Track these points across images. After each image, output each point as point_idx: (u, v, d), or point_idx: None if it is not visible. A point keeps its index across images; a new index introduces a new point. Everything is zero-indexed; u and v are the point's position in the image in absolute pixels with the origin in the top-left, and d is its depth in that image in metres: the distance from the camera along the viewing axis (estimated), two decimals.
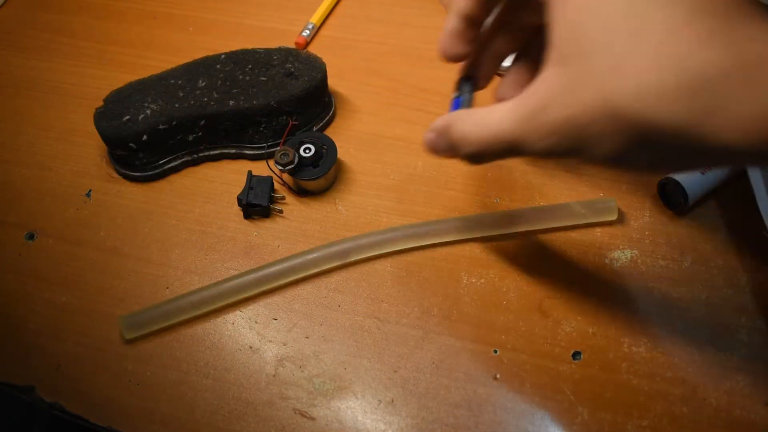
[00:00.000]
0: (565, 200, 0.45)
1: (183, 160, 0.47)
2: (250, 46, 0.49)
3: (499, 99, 0.34)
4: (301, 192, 0.46)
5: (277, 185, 0.46)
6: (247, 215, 0.45)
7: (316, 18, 0.57)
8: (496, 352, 0.39)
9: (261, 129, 0.46)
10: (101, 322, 0.41)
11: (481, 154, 0.29)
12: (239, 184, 0.45)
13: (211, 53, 0.49)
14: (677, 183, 0.42)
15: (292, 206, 0.46)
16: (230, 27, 0.58)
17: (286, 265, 0.41)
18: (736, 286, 0.40)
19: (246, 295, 0.41)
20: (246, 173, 0.45)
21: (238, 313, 0.41)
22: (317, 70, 0.47)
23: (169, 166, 0.47)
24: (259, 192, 0.44)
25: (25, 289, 0.43)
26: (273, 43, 0.50)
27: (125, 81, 0.47)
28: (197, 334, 0.40)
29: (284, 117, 0.46)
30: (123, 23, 0.58)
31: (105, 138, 0.45)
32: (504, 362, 0.38)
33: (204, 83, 0.46)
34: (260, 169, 0.47)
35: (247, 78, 0.47)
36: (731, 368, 0.37)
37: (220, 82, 0.46)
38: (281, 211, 0.45)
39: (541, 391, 0.37)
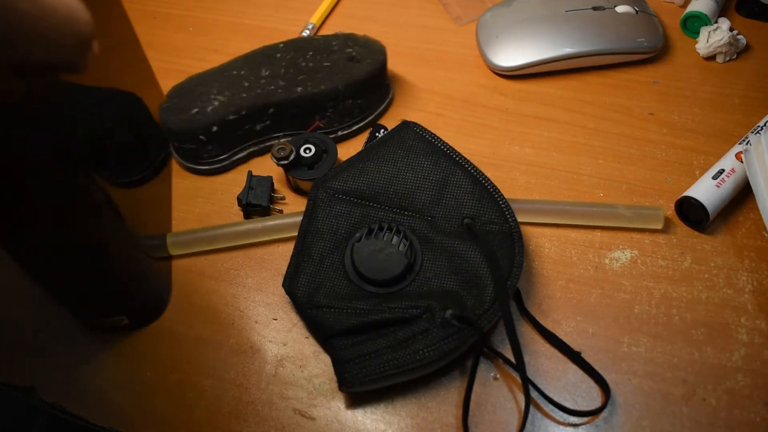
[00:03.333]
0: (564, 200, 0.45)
1: (249, 150, 0.47)
2: (250, 46, 0.49)
3: None
4: (298, 191, 0.46)
5: (277, 185, 0.46)
6: (247, 215, 0.45)
7: (316, 18, 0.57)
8: None
9: (328, 113, 0.47)
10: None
11: None
12: (239, 184, 0.45)
13: (211, 53, 0.49)
14: (697, 202, 0.41)
15: (292, 206, 0.46)
16: (230, 27, 0.58)
17: None
18: (736, 286, 0.40)
19: (282, 236, 0.43)
20: (246, 173, 0.45)
21: (238, 313, 0.41)
22: (378, 52, 0.48)
23: (237, 157, 0.47)
24: (259, 192, 0.44)
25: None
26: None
27: None
28: (197, 334, 0.40)
29: (350, 101, 0.46)
30: None
31: (172, 133, 0.45)
32: (504, 362, 0.38)
33: (267, 72, 0.46)
34: (260, 169, 0.47)
35: (310, 64, 0.47)
36: (731, 368, 0.37)
37: (283, 70, 0.46)
38: (281, 211, 0.45)
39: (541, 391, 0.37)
